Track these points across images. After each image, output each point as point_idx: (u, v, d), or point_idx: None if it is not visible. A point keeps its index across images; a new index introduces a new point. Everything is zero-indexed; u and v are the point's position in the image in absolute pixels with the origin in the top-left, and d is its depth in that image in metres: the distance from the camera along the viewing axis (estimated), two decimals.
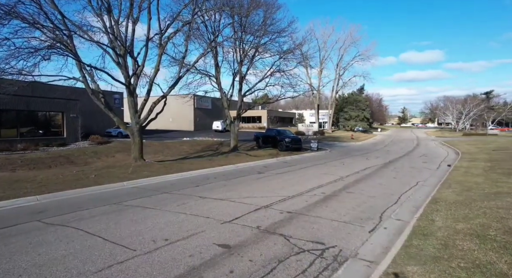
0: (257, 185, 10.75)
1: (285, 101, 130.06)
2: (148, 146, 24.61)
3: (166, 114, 50.99)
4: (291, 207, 7.75)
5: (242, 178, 12.33)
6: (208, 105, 50.44)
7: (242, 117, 60.25)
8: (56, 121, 23.52)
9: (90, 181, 10.70)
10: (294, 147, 23.41)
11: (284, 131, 26.24)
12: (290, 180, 11.86)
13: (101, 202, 8.05)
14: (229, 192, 9.49)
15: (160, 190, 9.65)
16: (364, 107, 63.12)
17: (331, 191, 9.77)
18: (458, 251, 4.74)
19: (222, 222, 6.47)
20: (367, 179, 12.20)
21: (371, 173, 13.90)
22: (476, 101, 67.43)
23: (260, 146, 25.68)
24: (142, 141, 14.79)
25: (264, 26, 18.82)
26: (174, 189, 9.89)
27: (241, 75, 21.19)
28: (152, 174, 12.48)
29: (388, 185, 11.04)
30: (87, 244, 5.05)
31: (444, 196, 8.60)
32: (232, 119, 22.24)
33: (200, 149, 24.84)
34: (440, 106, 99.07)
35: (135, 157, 14.50)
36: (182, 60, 15.20)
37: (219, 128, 45.09)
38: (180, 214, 6.98)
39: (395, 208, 8.00)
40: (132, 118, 14.08)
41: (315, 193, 9.51)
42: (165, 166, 14.74)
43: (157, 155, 22.04)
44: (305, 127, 43.78)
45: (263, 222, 6.52)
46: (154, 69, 13.93)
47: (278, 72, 22.19)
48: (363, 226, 6.46)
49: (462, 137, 47.61)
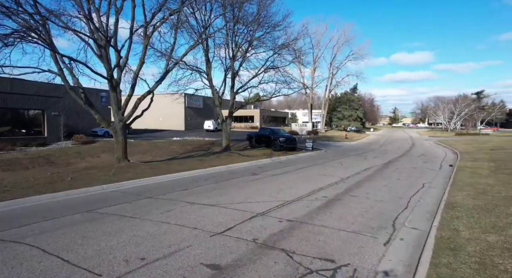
0: (252, 188, 9.78)
1: (277, 101, 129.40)
2: (136, 146, 23.50)
3: (156, 114, 49.82)
4: (291, 214, 6.81)
5: (235, 180, 11.35)
6: (200, 104, 49.25)
7: (235, 117, 59.25)
8: (36, 120, 22.09)
9: (65, 184, 9.57)
10: (289, 146, 22.51)
11: (278, 131, 25.32)
12: (287, 182, 10.93)
13: (71, 209, 6.96)
14: (221, 196, 8.50)
15: (143, 194, 8.60)
16: (357, 107, 62.69)
17: (333, 195, 8.87)
18: (502, 273, 3.85)
19: (212, 234, 5.49)
20: (370, 181, 11.34)
21: (372, 173, 13.07)
22: (467, 101, 67.75)
23: (254, 145, 24.72)
24: (126, 140, 13.67)
25: (258, 18, 17.85)
26: (159, 193, 8.85)
27: (233, 72, 20.17)
28: (136, 175, 11.40)
29: (393, 187, 10.20)
30: (39, 269, 3.98)
31: (459, 200, 7.77)
32: (224, 118, 21.22)
33: (190, 149, 23.81)
34: (431, 106, 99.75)
35: (118, 157, 13.36)
36: (170, 53, 14.14)
37: (210, 128, 43.99)
38: (162, 224, 5.97)
39: (406, 213, 7.15)
40: (115, 115, 12.93)
41: (316, 196, 8.60)
42: (151, 167, 13.65)
43: (146, 155, 20.92)
44: (298, 127, 42.92)
45: (260, 233, 5.57)
46: (139, 62, 12.82)
47: (272, 69, 21.28)
48: (376, 237, 5.57)
49: (455, 137, 47.54)
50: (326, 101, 57.75)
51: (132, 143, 25.17)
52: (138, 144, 24.92)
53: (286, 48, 20.30)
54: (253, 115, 56.36)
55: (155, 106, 51.91)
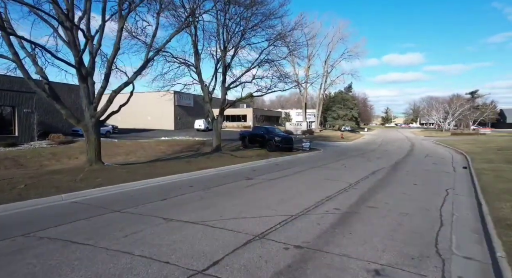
0: (246, 197, 8.05)
1: (270, 101, 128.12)
2: (120, 146, 21.60)
3: (144, 112, 47.68)
4: (300, 236, 5.12)
5: (225, 186, 9.62)
6: (190, 103, 47.25)
7: (227, 116, 57.46)
8: (6, 118, 19.96)
9: (13, 194, 7.67)
10: (285, 146, 20.83)
11: (273, 129, 23.62)
12: (288, 189, 9.24)
13: (0, 232, 5.13)
14: (207, 209, 6.76)
15: (110, 207, 6.81)
16: (352, 106, 61.41)
17: (346, 206, 7.22)
18: None
19: (190, 273, 3.76)
20: (383, 187, 9.74)
21: (383, 177, 11.48)
22: (461, 101, 67.19)
23: (247, 145, 22.99)
24: (99, 139, 11.78)
25: (251, 3, 16.09)
26: (130, 204, 7.06)
27: (225, 65, 18.39)
28: (109, 181, 9.56)
29: (414, 195, 8.61)
30: None
31: (508, 214, 6.20)
32: (215, 116, 19.44)
33: (179, 149, 22.00)
34: (424, 106, 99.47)
35: (90, 159, 11.47)
36: (152, 38, 12.31)
37: (201, 127, 42.08)
38: (122, 256, 4.21)
39: (446, 233, 5.54)
40: (86, 110, 11.03)
41: (326, 208, 6.93)
42: (129, 170, 11.80)
43: (129, 156, 19.06)
44: (293, 127, 41.47)
45: (260, 271, 3.86)
46: (114, 48, 10.95)
47: (267, 63, 19.58)
48: (424, 275, 3.91)
49: (452, 137, 46.64)
50: (321, 100, 56.29)
51: (116, 143, 23.24)
52: (122, 144, 22.98)
53: (282, 40, 18.63)
54: (245, 115, 54.58)
55: (143, 104, 49.32)
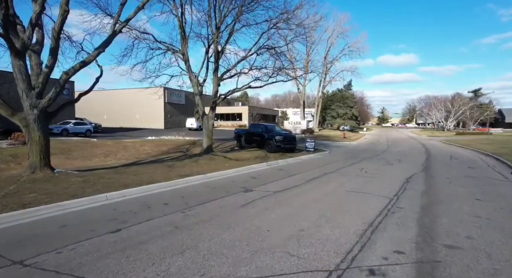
0: (244, 227, 5.15)
1: (265, 100, 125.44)
2: (98, 147, 18.63)
3: (132, 110, 44.36)
4: None
5: (214, 203, 6.72)
6: (181, 100, 44.17)
7: (221, 115, 54.31)
8: None
9: None
10: (287, 147, 17.99)
11: (273, 127, 20.72)
12: (304, 208, 6.37)
13: None
14: (180, 255, 3.87)
15: (9, 252, 3.87)
16: (352, 105, 58.74)
17: (410, 245, 4.36)
18: None
19: None
20: (439, 204, 6.91)
21: (427, 189, 8.62)
22: (464, 99, 65.08)
23: (243, 145, 20.10)
24: (47, 137, 8.79)
25: None
26: (51, 244, 4.15)
27: (217, 50, 15.46)
28: (47, 197, 6.62)
29: (494, 219, 5.79)
30: None
31: None
32: (205, 111, 16.50)
33: (165, 150, 19.09)
34: (422, 105, 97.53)
35: (32, 164, 8.46)
36: (121, 7, 9.34)
37: (193, 126, 39.09)
38: None
39: None
40: (24, 98, 7.98)
41: (380, 252, 4.08)
42: (88, 179, 8.82)
43: (108, 158, 16.16)
44: (292, 125, 38.73)
45: None
46: (60, 11, 7.92)
47: (267, 50, 16.69)
48: None
49: (459, 136, 44.24)
50: (320, 98, 53.52)
51: (95, 143, 20.19)
52: (102, 144, 19.95)
53: (285, 22, 15.77)
54: (241, 113, 51.63)
55: (131, 102, 45.22)
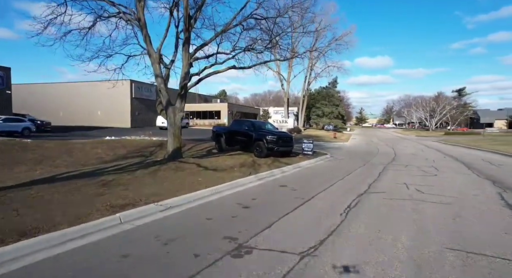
0: None
1: (244, 99, 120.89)
2: (31, 150, 13.68)
3: (93, 106, 37.86)
4: None
5: None
6: (151, 95, 38.88)
7: (196, 113, 49.16)
8: None
9: None
10: (282, 150, 13.77)
11: (263, 124, 16.35)
12: None
13: None
14: None
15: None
16: (338, 103, 55.76)
17: None
18: None
19: None
20: None
21: None
22: (448, 99, 64.16)
23: (223, 148, 15.67)
24: None
25: None
26: None
27: (187, 14, 10.98)
28: None
29: None
30: None
31: None
32: (170, 101, 11.93)
33: (122, 154, 14.47)
34: (402, 105, 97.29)
35: None
36: None
37: (165, 125, 33.87)
38: None
39: None
40: None
41: None
42: None
43: (39, 166, 11.39)
44: (277, 124, 34.73)
45: None
46: None
47: (255, 19, 12.43)
48: None
49: (451, 136, 42.18)
50: (306, 95, 49.96)
51: (28, 145, 14.86)
52: (38, 146, 14.74)
53: None
54: (219, 111, 47.03)
55: (92, 97, 37.70)
